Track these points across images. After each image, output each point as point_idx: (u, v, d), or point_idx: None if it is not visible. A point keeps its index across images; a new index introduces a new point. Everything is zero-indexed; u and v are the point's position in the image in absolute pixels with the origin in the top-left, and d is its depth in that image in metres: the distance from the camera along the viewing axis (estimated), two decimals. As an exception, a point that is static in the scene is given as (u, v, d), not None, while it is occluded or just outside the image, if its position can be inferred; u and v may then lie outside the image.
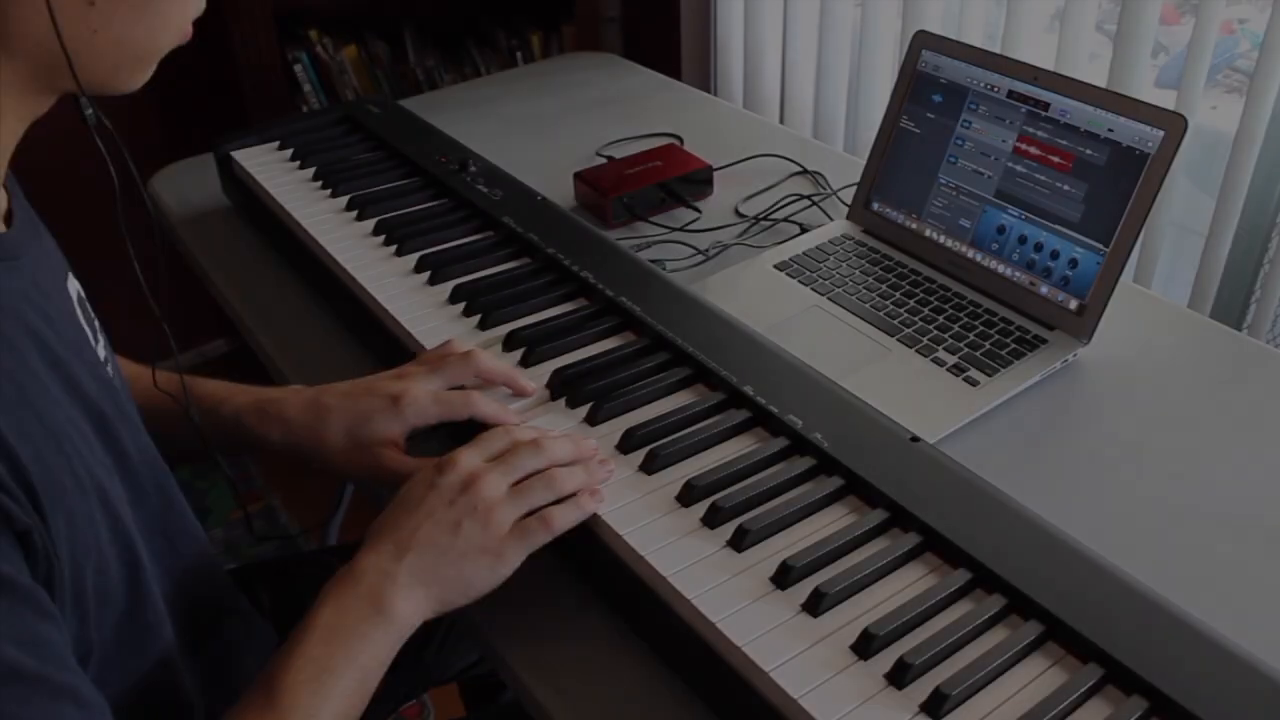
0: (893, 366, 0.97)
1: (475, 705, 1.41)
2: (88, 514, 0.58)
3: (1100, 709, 0.60)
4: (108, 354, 0.71)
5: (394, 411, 0.78)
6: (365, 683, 0.64)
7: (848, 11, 1.74)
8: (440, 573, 0.67)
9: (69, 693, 0.52)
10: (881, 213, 1.15)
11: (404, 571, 0.66)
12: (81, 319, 0.68)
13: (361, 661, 0.63)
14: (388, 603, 0.65)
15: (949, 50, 1.09)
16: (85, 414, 0.61)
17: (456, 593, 0.67)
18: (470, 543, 0.67)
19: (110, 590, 0.60)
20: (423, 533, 0.67)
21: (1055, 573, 0.65)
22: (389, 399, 0.78)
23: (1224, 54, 1.49)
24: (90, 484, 0.59)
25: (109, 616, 0.60)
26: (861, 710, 0.59)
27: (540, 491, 0.70)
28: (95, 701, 0.54)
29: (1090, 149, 0.98)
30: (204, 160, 1.34)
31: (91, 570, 0.58)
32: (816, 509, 0.72)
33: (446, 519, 0.68)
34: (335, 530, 1.73)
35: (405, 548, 0.67)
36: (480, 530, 0.68)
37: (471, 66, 2.13)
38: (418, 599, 0.66)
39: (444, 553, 0.67)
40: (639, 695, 0.68)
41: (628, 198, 1.22)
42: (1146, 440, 0.89)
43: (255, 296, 1.13)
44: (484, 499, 0.68)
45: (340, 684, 0.62)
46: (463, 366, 0.81)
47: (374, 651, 0.64)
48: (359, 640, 0.64)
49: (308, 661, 0.62)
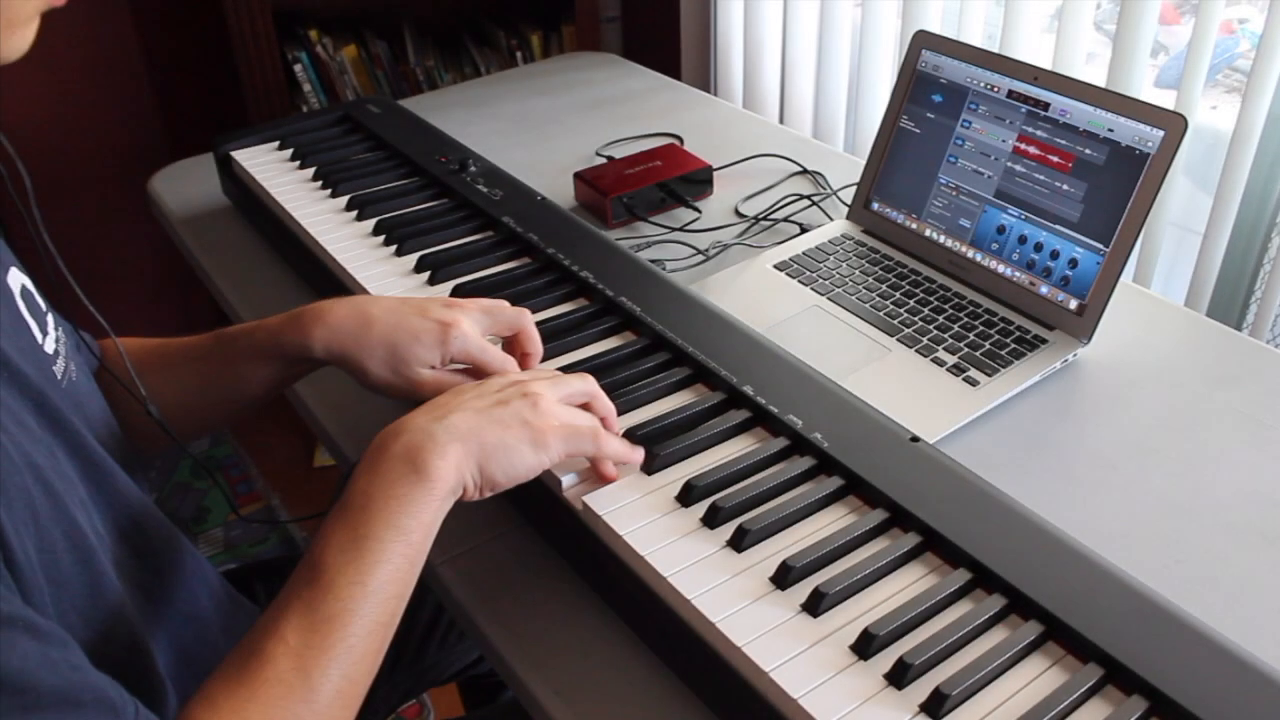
0: (893, 366, 0.97)
1: (475, 705, 1.41)
2: (22, 488, 0.56)
3: (1100, 709, 0.60)
4: (61, 349, 0.70)
5: (439, 338, 0.77)
6: (412, 547, 0.62)
7: (848, 11, 1.74)
8: (482, 435, 0.66)
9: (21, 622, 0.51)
10: (881, 213, 1.15)
11: (443, 429, 0.65)
12: (24, 311, 0.67)
13: (403, 524, 0.62)
14: (425, 462, 0.63)
15: (949, 50, 1.09)
16: (19, 394, 0.61)
17: (498, 462, 0.66)
18: (517, 415, 0.67)
19: (62, 571, 0.59)
20: (468, 400, 0.67)
21: (1055, 573, 0.65)
22: (438, 324, 0.77)
23: (1224, 54, 1.49)
24: (23, 461, 0.57)
25: (69, 600, 0.59)
26: (861, 710, 0.59)
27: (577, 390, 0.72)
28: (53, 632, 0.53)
29: (1090, 149, 0.98)
30: (204, 160, 1.34)
31: (34, 547, 0.56)
32: (816, 509, 0.72)
33: (495, 396, 0.68)
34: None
35: (449, 410, 0.66)
36: (528, 408, 0.68)
37: (471, 66, 2.13)
38: (456, 458, 0.64)
39: (488, 418, 0.66)
40: (639, 695, 0.68)
41: (628, 198, 1.22)
42: (1146, 440, 0.89)
43: (255, 297, 1.13)
44: (532, 390, 0.69)
45: (385, 550, 0.61)
46: (512, 317, 0.81)
47: (415, 513, 0.62)
48: (398, 503, 0.62)
49: (348, 531, 0.61)
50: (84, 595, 0.61)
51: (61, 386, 0.67)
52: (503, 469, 0.66)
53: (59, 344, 0.70)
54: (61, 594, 0.59)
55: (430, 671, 1.12)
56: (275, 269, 1.16)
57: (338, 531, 0.61)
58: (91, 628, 0.61)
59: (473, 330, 0.78)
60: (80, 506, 0.63)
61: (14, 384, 0.61)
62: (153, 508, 0.73)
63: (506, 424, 0.67)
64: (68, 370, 0.70)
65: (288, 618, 0.59)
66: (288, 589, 0.61)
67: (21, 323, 0.66)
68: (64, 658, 0.52)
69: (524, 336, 0.83)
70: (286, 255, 1.16)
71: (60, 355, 0.70)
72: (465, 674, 1.19)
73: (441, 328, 0.77)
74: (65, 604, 0.59)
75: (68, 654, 0.53)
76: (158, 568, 0.73)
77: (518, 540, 0.80)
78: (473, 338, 0.78)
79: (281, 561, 1.09)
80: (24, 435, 0.59)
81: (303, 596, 0.59)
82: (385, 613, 0.61)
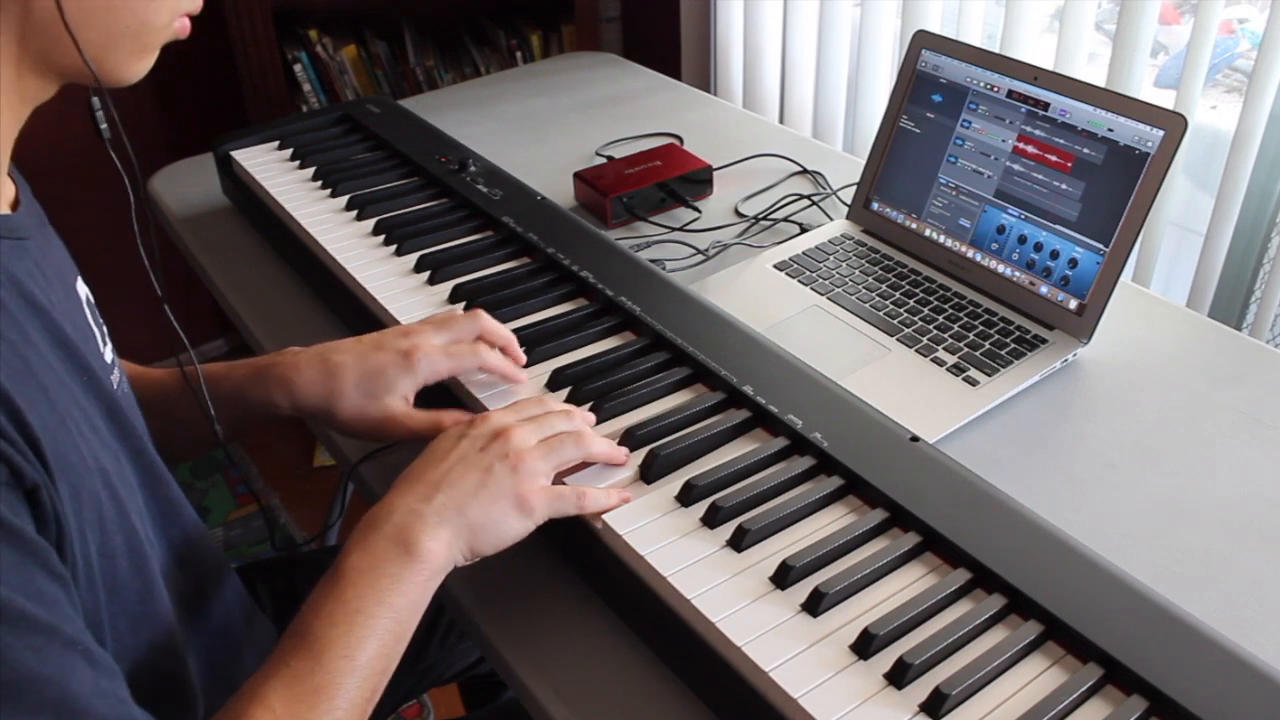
0: (893, 366, 0.97)
1: (475, 705, 1.41)
2: (93, 492, 0.57)
3: (1100, 709, 0.60)
4: (115, 361, 0.71)
5: (406, 366, 0.78)
6: (400, 624, 0.63)
7: (847, 11, 1.74)
8: (468, 514, 0.66)
9: (80, 647, 0.51)
10: (881, 212, 1.15)
11: (431, 511, 0.65)
12: (91, 321, 0.68)
13: (393, 602, 0.63)
14: (415, 542, 0.64)
15: (949, 50, 1.09)
16: (94, 399, 0.61)
17: (485, 538, 0.67)
18: (500, 487, 0.67)
19: (119, 577, 0.60)
20: (453, 474, 0.67)
21: (1055, 573, 0.65)
22: (400, 354, 0.78)
23: (1224, 54, 1.49)
24: (95, 465, 0.58)
25: (121, 606, 0.60)
26: (861, 710, 0.59)
27: (570, 447, 0.71)
28: (105, 661, 0.53)
29: (1090, 149, 0.98)
30: (204, 160, 1.34)
31: (96, 551, 0.57)
32: (816, 509, 0.72)
33: (477, 463, 0.68)
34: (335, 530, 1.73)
35: (434, 488, 0.67)
36: (510, 475, 0.68)
37: (471, 66, 2.13)
38: (446, 539, 0.65)
39: (473, 494, 0.67)
40: (639, 695, 0.68)
41: (628, 197, 1.22)
42: (1146, 440, 0.89)
43: (255, 296, 1.13)
44: (515, 447, 0.69)
45: (374, 626, 0.62)
46: (469, 323, 0.82)
47: (405, 591, 0.63)
48: (389, 580, 0.63)
49: (339, 605, 0.61)
50: (136, 602, 0.62)
51: (120, 395, 0.67)
52: (490, 543, 0.67)
53: (114, 354, 0.71)
54: (115, 600, 0.60)
55: (430, 671, 1.12)
56: (275, 269, 1.16)
57: (329, 603, 0.62)
58: (139, 635, 0.62)
59: (435, 348, 0.80)
60: (138, 514, 0.63)
61: (90, 388, 0.61)
62: (199, 521, 0.74)
63: (493, 497, 0.67)
64: (121, 380, 0.70)
65: (274, 686, 0.59)
66: (276, 655, 0.61)
67: (91, 331, 0.67)
68: (113, 689, 0.53)
69: (488, 337, 0.84)
70: (286, 255, 1.16)
71: (115, 365, 0.70)
72: (465, 674, 1.19)
73: (403, 357, 0.78)
74: (117, 610, 0.60)
75: (115, 686, 0.53)
76: (199, 581, 0.73)
77: (518, 543, 0.79)
78: (437, 357, 0.79)
79: (282, 562, 1.09)
80: (96, 440, 0.60)
81: (291, 665, 0.60)
82: (369, 687, 0.62)
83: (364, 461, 0.88)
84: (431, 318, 0.84)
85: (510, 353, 0.85)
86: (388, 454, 0.88)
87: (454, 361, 0.80)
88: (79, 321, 0.65)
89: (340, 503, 1.65)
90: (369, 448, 0.88)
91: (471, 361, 0.81)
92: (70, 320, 0.62)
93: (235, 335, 2.43)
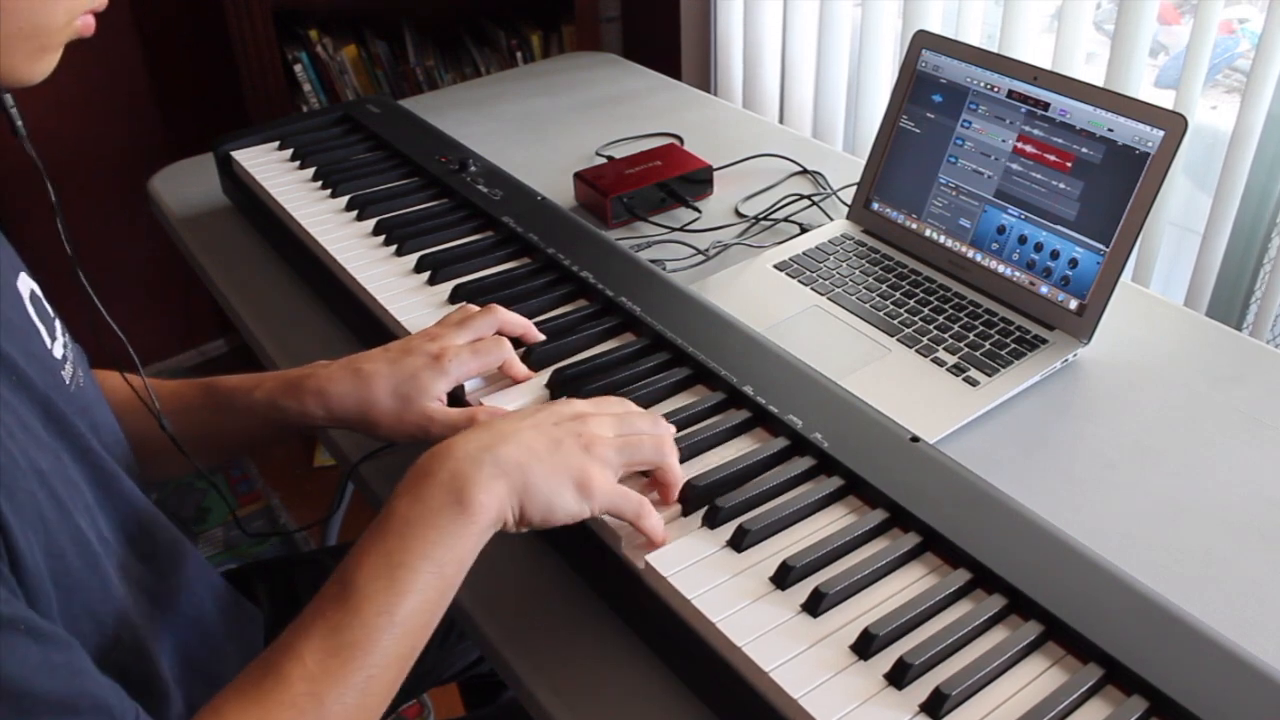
0: (893, 366, 0.97)
1: (475, 705, 1.41)
2: (29, 491, 0.56)
3: (1100, 709, 0.60)
4: (69, 354, 0.70)
5: (437, 368, 0.79)
6: (444, 579, 0.61)
7: (848, 11, 1.74)
8: (528, 475, 0.64)
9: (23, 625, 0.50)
10: (881, 213, 1.15)
11: (492, 460, 0.64)
12: (34, 316, 0.67)
13: (439, 556, 0.61)
14: (469, 494, 0.62)
15: (949, 50, 1.09)
16: (27, 399, 0.61)
17: (537, 505, 0.64)
18: (568, 461, 0.66)
19: (72, 576, 0.59)
20: (524, 434, 0.66)
21: (1055, 573, 0.65)
22: (430, 357, 0.79)
23: (1223, 54, 1.49)
24: (28, 465, 0.57)
25: (82, 605, 0.59)
26: (861, 710, 0.59)
27: (648, 448, 0.69)
28: (56, 635, 0.52)
29: (1089, 149, 0.98)
30: (204, 160, 1.34)
31: (42, 550, 0.56)
32: (816, 509, 0.72)
33: (549, 433, 0.67)
34: (335, 530, 1.73)
35: (502, 438, 0.65)
36: (580, 453, 0.66)
37: (471, 66, 2.13)
38: (501, 494, 0.63)
39: (538, 458, 0.65)
40: (639, 695, 0.68)
41: (628, 198, 1.22)
42: (1146, 440, 0.89)
43: (255, 296, 1.13)
44: (590, 430, 0.68)
45: (417, 580, 0.60)
46: (488, 319, 0.84)
47: (452, 545, 0.62)
48: (436, 533, 0.61)
49: (382, 557, 0.60)
50: (97, 601, 0.61)
51: (70, 391, 0.67)
52: (541, 511, 0.65)
53: (67, 349, 0.71)
54: (72, 598, 0.59)
55: (430, 672, 1.12)
56: (275, 269, 1.16)
57: (371, 554, 0.61)
58: (102, 631, 0.61)
59: (462, 350, 0.80)
60: (85, 512, 0.63)
61: (20, 388, 0.61)
62: (156, 512, 0.73)
63: (557, 467, 0.65)
64: (75, 375, 0.70)
65: (310, 638, 0.58)
66: (315, 604, 0.60)
67: (31, 327, 0.66)
68: (66, 661, 0.52)
69: (508, 330, 0.85)
70: (286, 255, 1.16)
71: (69, 360, 0.70)
72: (465, 674, 1.19)
73: (433, 360, 0.79)
74: (76, 608, 0.59)
75: (70, 657, 0.53)
76: (162, 571, 0.73)
77: (517, 541, 0.79)
78: (466, 356, 0.80)
79: (282, 562, 1.09)
80: (29, 440, 0.59)
81: (328, 617, 0.59)
82: (407, 645, 0.60)
83: (364, 461, 0.88)
84: (448, 317, 0.85)
85: (529, 336, 0.87)
86: (388, 454, 0.88)
87: (481, 359, 0.81)
88: (16, 318, 0.64)
89: (340, 502, 1.65)
90: (369, 448, 0.88)
91: (497, 356, 0.82)
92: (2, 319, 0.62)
93: (235, 335, 2.43)
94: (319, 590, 0.61)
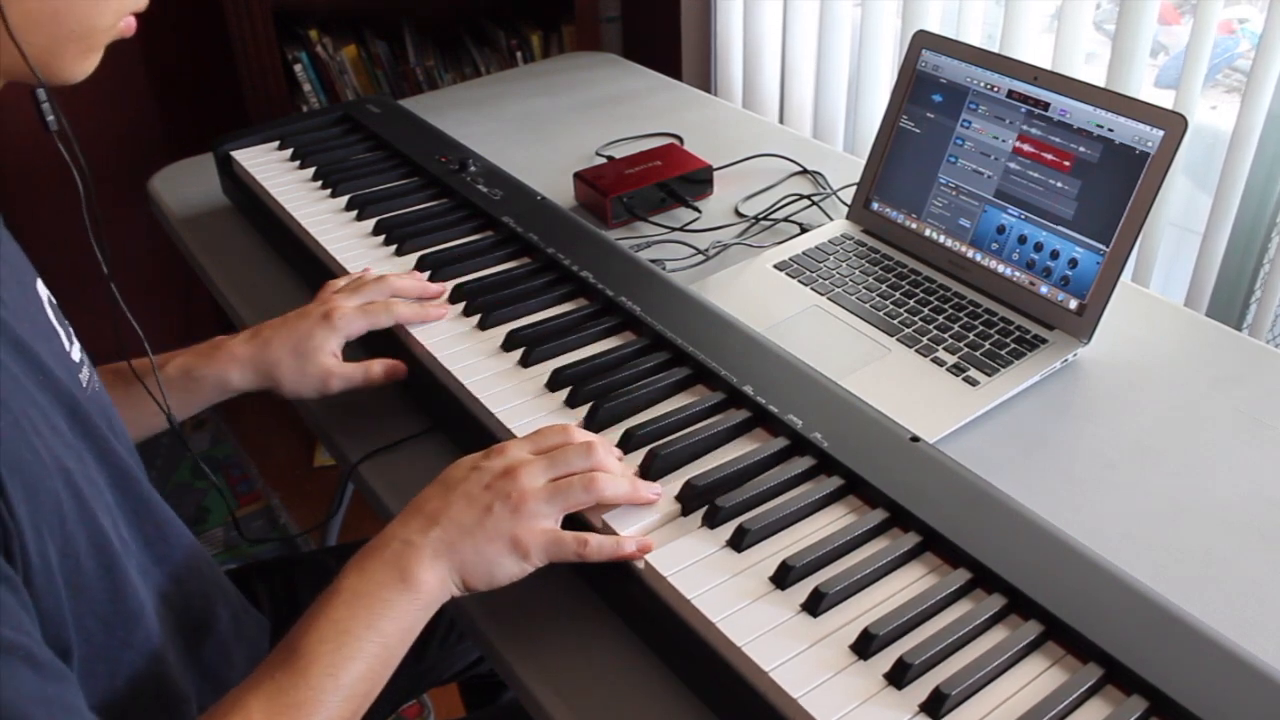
0: (893, 366, 0.97)
1: (475, 705, 1.41)
2: (51, 490, 0.57)
3: (1100, 709, 0.60)
4: (84, 360, 0.71)
5: (328, 325, 0.88)
6: (388, 649, 0.64)
7: (847, 11, 1.74)
8: (463, 551, 0.67)
9: (21, 652, 0.51)
10: (881, 212, 1.15)
11: (429, 544, 0.66)
12: (53, 320, 0.68)
13: (383, 627, 0.63)
14: (411, 572, 0.65)
15: (949, 50, 1.09)
16: (54, 399, 0.61)
17: (478, 575, 0.67)
18: (498, 528, 0.67)
19: (83, 576, 0.59)
20: (454, 510, 0.68)
21: (1055, 573, 0.65)
22: (320, 316, 0.89)
23: (1223, 54, 1.49)
24: (54, 464, 0.58)
25: (88, 605, 0.60)
26: (861, 710, 0.59)
27: (578, 492, 0.69)
28: (53, 666, 0.53)
29: (1089, 149, 0.98)
30: (204, 160, 1.34)
31: (56, 550, 0.57)
32: (816, 509, 0.73)
33: (480, 500, 0.68)
34: (335, 530, 1.73)
35: (433, 521, 0.67)
36: (509, 517, 0.68)
37: (471, 66, 2.13)
38: (440, 573, 0.66)
39: (469, 532, 0.67)
40: (639, 695, 0.68)
41: (628, 197, 1.22)
42: (1146, 440, 0.89)
43: (255, 296, 1.13)
44: (519, 487, 0.69)
45: (362, 648, 0.62)
46: (379, 286, 0.93)
47: (396, 617, 0.64)
48: (381, 605, 0.64)
49: (330, 624, 0.62)
50: (105, 601, 0.62)
51: (88, 394, 0.67)
52: (483, 579, 0.68)
53: (82, 352, 0.71)
54: (80, 599, 0.59)
55: (430, 671, 1.12)
56: (275, 269, 1.16)
57: (320, 622, 0.63)
58: (113, 635, 0.61)
59: (350, 308, 0.90)
60: (106, 512, 0.63)
61: (48, 389, 0.61)
62: (173, 516, 0.74)
63: (489, 537, 0.67)
64: (91, 379, 0.70)
65: (257, 697, 0.59)
66: (264, 667, 0.61)
67: (52, 330, 0.67)
68: (59, 695, 0.53)
69: (401, 294, 0.93)
70: (286, 255, 1.16)
71: (84, 363, 0.70)
72: (465, 674, 1.19)
73: (324, 319, 0.88)
74: (84, 609, 0.60)
75: (63, 692, 0.53)
76: (179, 576, 0.73)
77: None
78: (353, 316, 0.89)
79: (282, 562, 1.09)
80: (56, 439, 0.60)
81: (275, 679, 0.60)
82: (350, 709, 0.62)
83: (364, 461, 0.88)
84: (347, 284, 0.95)
85: (426, 292, 0.95)
86: (388, 454, 0.88)
87: (369, 318, 0.90)
88: (39, 321, 0.65)
89: (340, 502, 1.65)
90: (369, 448, 0.88)
91: (385, 318, 0.90)
92: (28, 320, 0.63)
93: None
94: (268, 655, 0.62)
